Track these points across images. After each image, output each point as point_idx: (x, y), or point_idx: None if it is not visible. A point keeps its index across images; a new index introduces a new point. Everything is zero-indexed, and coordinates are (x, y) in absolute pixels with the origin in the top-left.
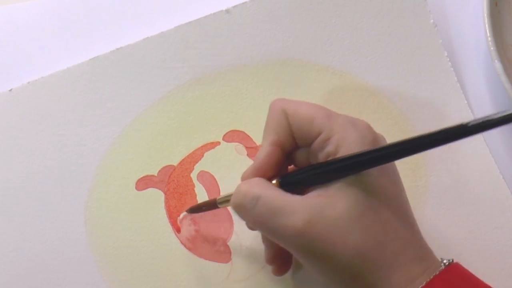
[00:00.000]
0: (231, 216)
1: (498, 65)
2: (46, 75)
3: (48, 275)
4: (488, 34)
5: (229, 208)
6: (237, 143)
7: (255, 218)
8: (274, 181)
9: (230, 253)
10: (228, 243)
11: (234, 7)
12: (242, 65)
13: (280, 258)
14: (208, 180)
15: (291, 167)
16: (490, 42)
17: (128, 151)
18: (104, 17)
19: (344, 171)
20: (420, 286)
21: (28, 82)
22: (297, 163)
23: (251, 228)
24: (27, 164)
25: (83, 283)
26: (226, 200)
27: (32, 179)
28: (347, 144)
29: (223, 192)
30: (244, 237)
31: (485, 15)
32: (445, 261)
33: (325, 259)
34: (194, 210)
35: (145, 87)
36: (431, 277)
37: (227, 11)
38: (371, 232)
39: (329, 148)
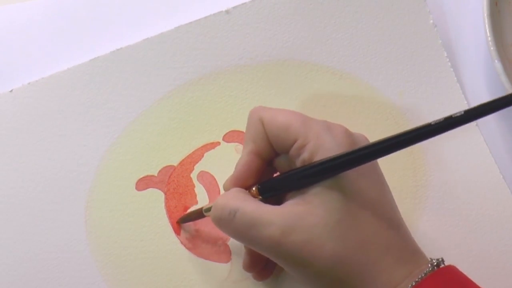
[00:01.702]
0: None
1: (498, 65)
2: (47, 75)
3: (48, 275)
4: (488, 34)
5: None
6: (237, 143)
7: (233, 231)
8: (253, 188)
9: (229, 253)
10: (228, 243)
11: (234, 7)
12: (242, 66)
13: (258, 265)
14: (208, 180)
15: (276, 175)
16: (490, 42)
17: (128, 151)
18: (104, 18)
19: (318, 176)
20: None
21: (29, 83)
22: (280, 169)
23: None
24: (27, 165)
25: (83, 283)
26: (210, 209)
27: (32, 180)
28: (322, 151)
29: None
30: None
31: (485, 15)
32: (434, 261)
33: (304, 267)
34: (184, 220)
35: (145, 87)
36: (417, 280)
37: (227, 11)
38: (349, 238)
39: (305, 155)
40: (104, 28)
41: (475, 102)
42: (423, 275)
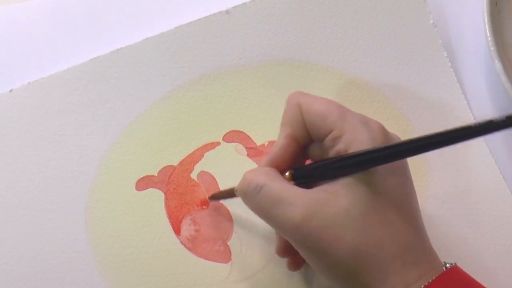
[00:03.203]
0: (231, 216)
1: (498, 65)
2: (47, 75)
3: (48, 275)
4: (488, 34)
5: (228, 207)
6: (237, 144)
7: (256, 206)
8: (287, 173)
9: (230, 253)
10: (228, 243)
11: (234, 7)
12: (242, 66)
13: (291, 250)
14: (208, 180)
15: (309, 162)
16: (490, 42)
17: (128, 151)
18: (104, 17)
19: (349, 168)
20: None
21: (29, 83)
22: (312, 157)
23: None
24: (27, 164)
25: (83, 283)
26: None
27: (32, 180)
28: (357, 144)
29: None
30: (244, 237)
31: (485, 15)
32: (447, 265)
33: (320, 254)
34: (215, 197)
35: (145, 87)
36: (428, 282)
37: (227, 11)
38: (369, 233)
39: (339, 146)
40: (104, 28)
41: (475, 102)
42: (433, 278)
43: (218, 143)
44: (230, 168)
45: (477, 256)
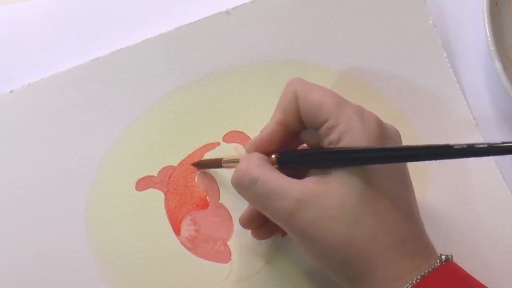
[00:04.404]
0: (231, 216)
1: (498, 65)
2: (47, 76)
3: (48, 275)
4: (488, 34)
5: (228, 207)
6: (237, 144)
7: (251, 197)
8: (272, 156)
9: (230, 253)
10: (228, 243)
11: (234, 8)
12: (242, 66)
13: (254, 223)
14: (208, 180)
15: (303, 146)
16: (490, 42)
17: (128, 151)
18: (104, 18)
19: (340, 162)
20: (410, 285)
21: (29, 83)
22: (306, 142)
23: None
24: (27, 165)
25: (83, 283)
26: (231, 162)
27: (32, 180)
28: (350, 135)
29: (221, 191)
30: (244, 237)
31: (485, 15)
32: (442, 257)
33: (313, 243)
34: (201, 164)
35: (145, 88)
36: (421, 275)
37: (227, 12)
38: (363, 224)
39: (333, 136)
40: (104, 29)
41: (475, 102)
42: (429, 270)
43: (218, 144)
44: (230, 169)
45: (477, 256)
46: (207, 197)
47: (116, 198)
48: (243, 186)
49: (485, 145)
